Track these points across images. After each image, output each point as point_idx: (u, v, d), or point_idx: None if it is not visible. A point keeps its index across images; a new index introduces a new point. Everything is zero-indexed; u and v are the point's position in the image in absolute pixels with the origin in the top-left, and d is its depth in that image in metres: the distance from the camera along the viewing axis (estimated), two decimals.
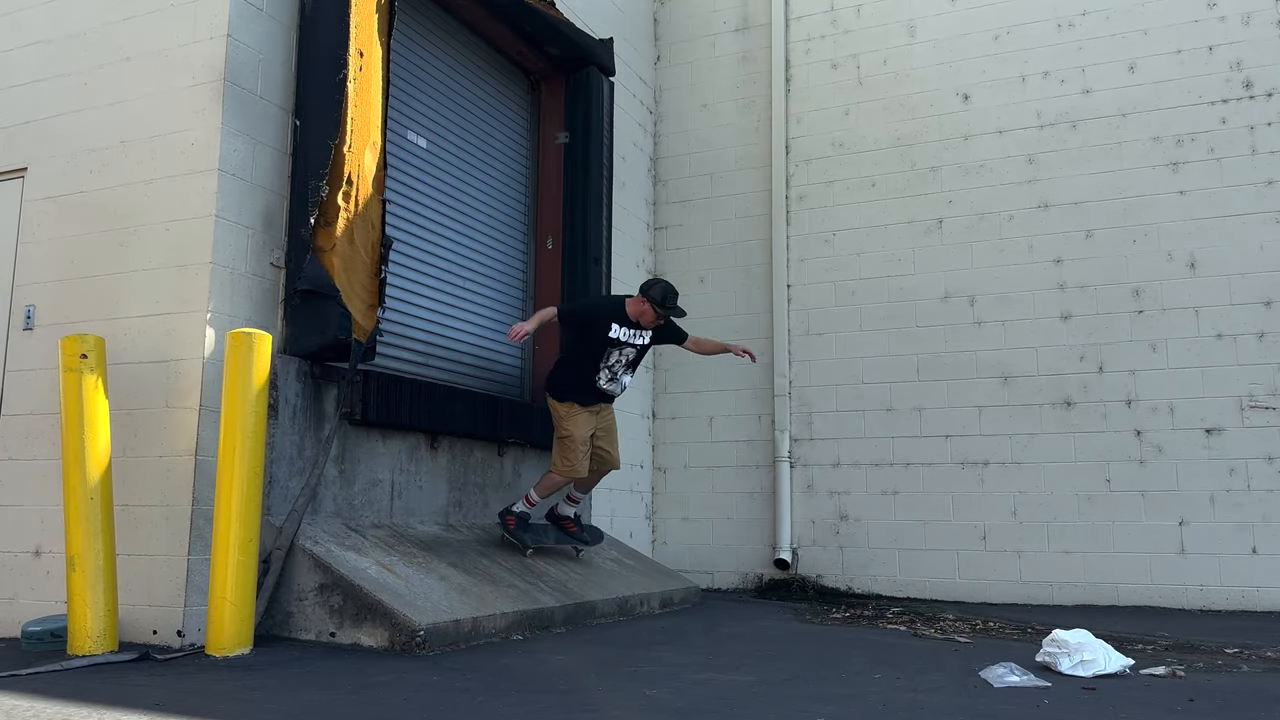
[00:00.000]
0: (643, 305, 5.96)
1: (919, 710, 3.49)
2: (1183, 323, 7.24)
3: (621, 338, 5.96)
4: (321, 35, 5.26)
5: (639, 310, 5.98)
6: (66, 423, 4.51)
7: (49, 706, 3.32)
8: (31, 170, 5.36)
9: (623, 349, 5.98)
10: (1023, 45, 7.97)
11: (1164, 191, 7.43)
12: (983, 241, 7.88)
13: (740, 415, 8.49)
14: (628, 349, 6.00)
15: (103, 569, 4.41)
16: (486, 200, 7.05)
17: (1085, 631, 4.42)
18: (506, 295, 7.22)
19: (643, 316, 5.99)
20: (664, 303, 5.93)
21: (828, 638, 5.52)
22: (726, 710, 3.44)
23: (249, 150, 5.02)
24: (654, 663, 4.45)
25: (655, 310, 5.94)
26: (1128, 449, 7.26)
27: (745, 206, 8.74)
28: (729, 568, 8.32)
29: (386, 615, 4.55)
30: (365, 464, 5.51)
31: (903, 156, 8.23)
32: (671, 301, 5.96)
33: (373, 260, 5.35)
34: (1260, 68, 7.31)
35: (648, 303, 5.94)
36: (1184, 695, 3.83)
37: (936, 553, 7.66)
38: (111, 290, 4.99)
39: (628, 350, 6.01)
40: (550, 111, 7.63)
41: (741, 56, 8.98)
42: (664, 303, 5.93)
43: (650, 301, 5.93)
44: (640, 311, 5.98)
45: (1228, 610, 6.84)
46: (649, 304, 5.94)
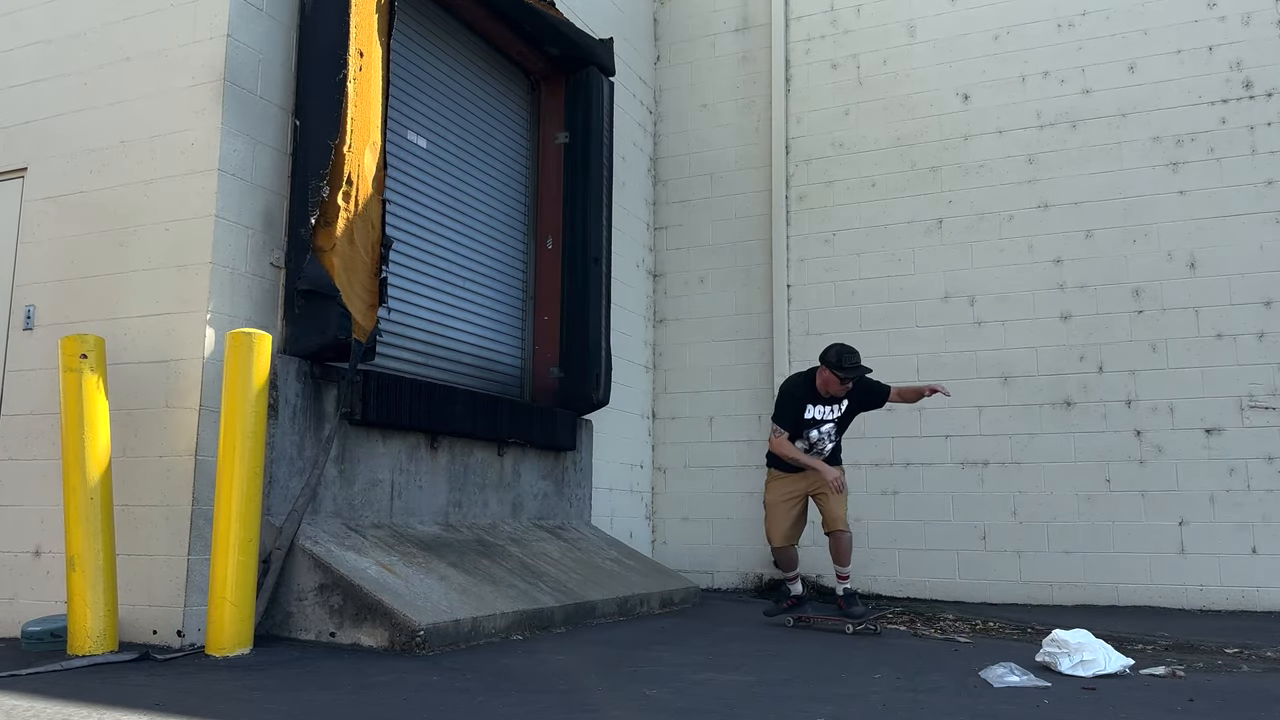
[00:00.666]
0: (825, 374, 5.86)
1: (919, 710, 3.49)
2: (1183, 323, 7.24)
3: (817, 416, 5.94)
4: (321, 35, 5.26)
5: (825, 381, 5.87)
6: (66, 423, 4.51)
7: (49, 706, 3.32)
8: (31, 170, 5.36)
9: (820, 427, 5.96)
10: (1023, 45, 7.97)
11: (1164, 191, 7.43)
12: (983, 241, 7.88)
13: (740, 415, 8.48)
14: (825, 425, 5.97)
15: (103, 569, 4.41)
16: (486, 200, 7.05)
17: (1085, 631, 4.42)
18: (506, 295, 7.22)
19: (829, 385, 5.88)
20: (840, 363, 5.77)
21: (828, 638, 5.52)
22: (726, 710, 3.44)
23: (249, 150, 5.02)
24: (654, 663, 4.45)
25: (836, 376, 5.80)
26: (1128, 449, 7.26)
27: (745, 206, 8.74)
28: (729, 568, 8.32)
29: (386, 615, 4.55)
30: (365, 464, 5.50)
31: (903, 156, 8.23)
32: (849, 361, 5.79)
33: (373, 260, 5.35)
34: (1260, 68, 7.31)
35: (828, 369, 5.83)
36: (1184, 695, 3.83)
37: (936, 553, 7.66)
38: (111, 290, 4.99)
39: (826, 426, 5.98)
40: (550, 111, 7.63)
41: (741, 56, 8.98)
42: (840, 363, 5.77)
43: (829, 367, 5.81)
44: (826, 381, 5.87)
45: (1228, 610, 6.84)
46: (829, 370, 5.82)
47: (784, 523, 6.04)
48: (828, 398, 5.93)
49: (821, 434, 5.98)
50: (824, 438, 5.99)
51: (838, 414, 6.01)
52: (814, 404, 5.94)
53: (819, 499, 5.98)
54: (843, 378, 5.81)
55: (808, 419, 5.94)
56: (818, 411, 5.95)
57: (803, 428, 5.95)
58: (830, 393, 5.91)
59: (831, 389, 5.89)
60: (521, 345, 7.34)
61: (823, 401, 5.95)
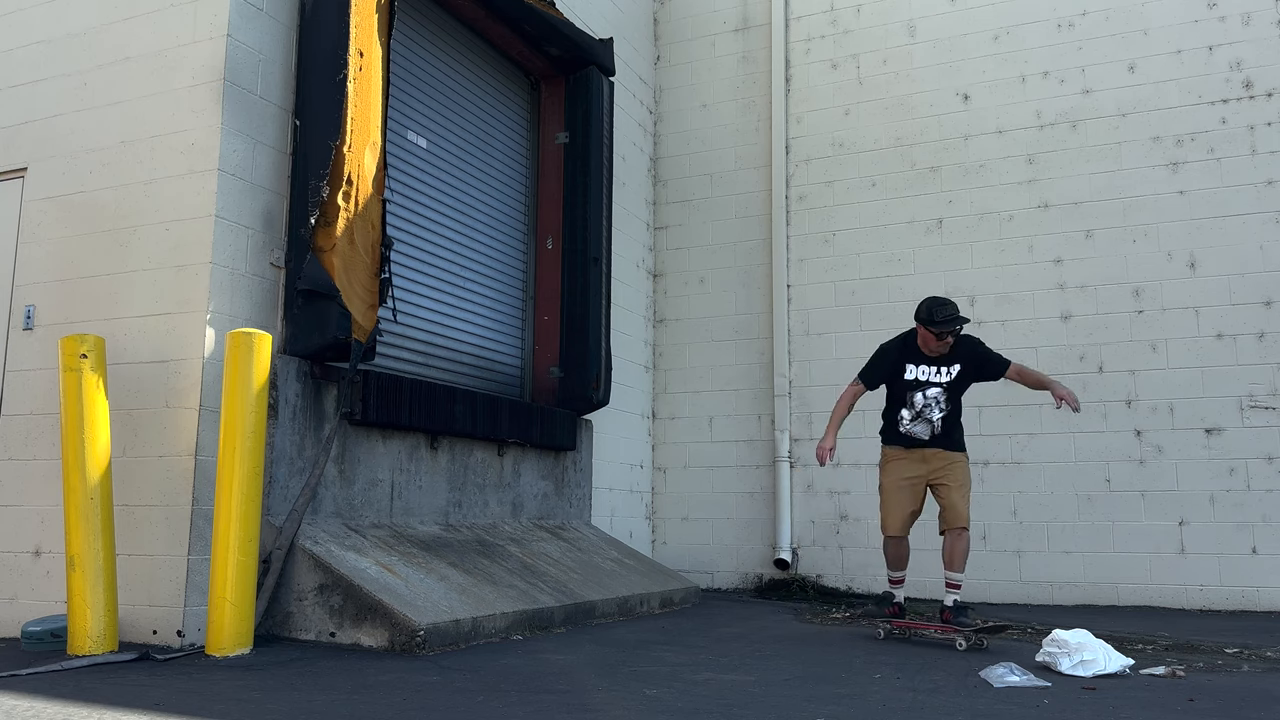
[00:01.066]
0: (922, 332, 5.41)
1: (919, 710, 3.49)
2: (1183, 323, 7.24)
3: (920, 377, 5.43)
4: (321, 35, 5.26)
5: (924, 338, 5.42)
6: (66, 423, 4.50)
7: (49, 706, 3.32)
8: (31, 170, 5.36)
9: (924, 390, 5.42)
10: (1023, 45, 7.97)
11: (1164, 191, 7.43)
12: (983, 241, 7.88)
13: (740, 415, 8.48)
14: (932, 389, 5.42)
15: (103, 569, 4.41)
16: (486, 200, 7.05)
17: (1085, 631, 4.42)
18: (506, 295, 7.22)
19: (928, 343, 5.40)
20: (931, 317, 5.31)
21: (828, 638, 5.52)
22: (726, 710, 3.43)
23: (249, 150, 5.02)
24: (654, 663, 4.45)
25: (931, 332, 5.34)
26: (1128, 449, 7.26)
27: (745, 206, 8.74)
28: (729, 568, 8.32)
29: (386, 615, 4.55)
30: (365, 464, 5.50)
31: (903, 156, 8.23)
32: (941, 313, 5.29)
33: (373, 260, 5.35)
34: (1260, 68, 7.31)
35: (922, 327, 5.39)
36: (1184, 695, 3.83)
37: (936, 553, 7.63)
38: (111, 290, 4.99)
39: (932, 390, 5.41)
40: (550, 111, 7.63)
41: (741, 56, 8.98)
42: (931, 317, 5.31)
43: (921, 324, 5.38)
44: (925, 339, 5.41)
45: (1228, 610, 6.84)
46: (923, 327, 5.38)
47: (902, 509, 5.44)
48: (934, 357, 5.42)
49: (928, 399, 5.41)
50: (931, 404, 5.40)
51: (948, 378, 5.42)
52: (916, 363, 5.44)
53: (938, 489, 5.41)
54: (938, 333, 5.31)
55: (909, 380, 5.43)
56: (921, 372, 5.43)
57: (905, 391, 5.44)
58: (933, 350, 5.40)
59: (932, 346, 5.38)
60: (521, 345, 7.34)
61: (927, 361, 5.43)
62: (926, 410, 5.43)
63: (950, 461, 5.42)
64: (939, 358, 5.43)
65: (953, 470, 5.41)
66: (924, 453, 5.44)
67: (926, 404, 5.43)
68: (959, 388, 5.48)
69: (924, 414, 5.43)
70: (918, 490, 5.45)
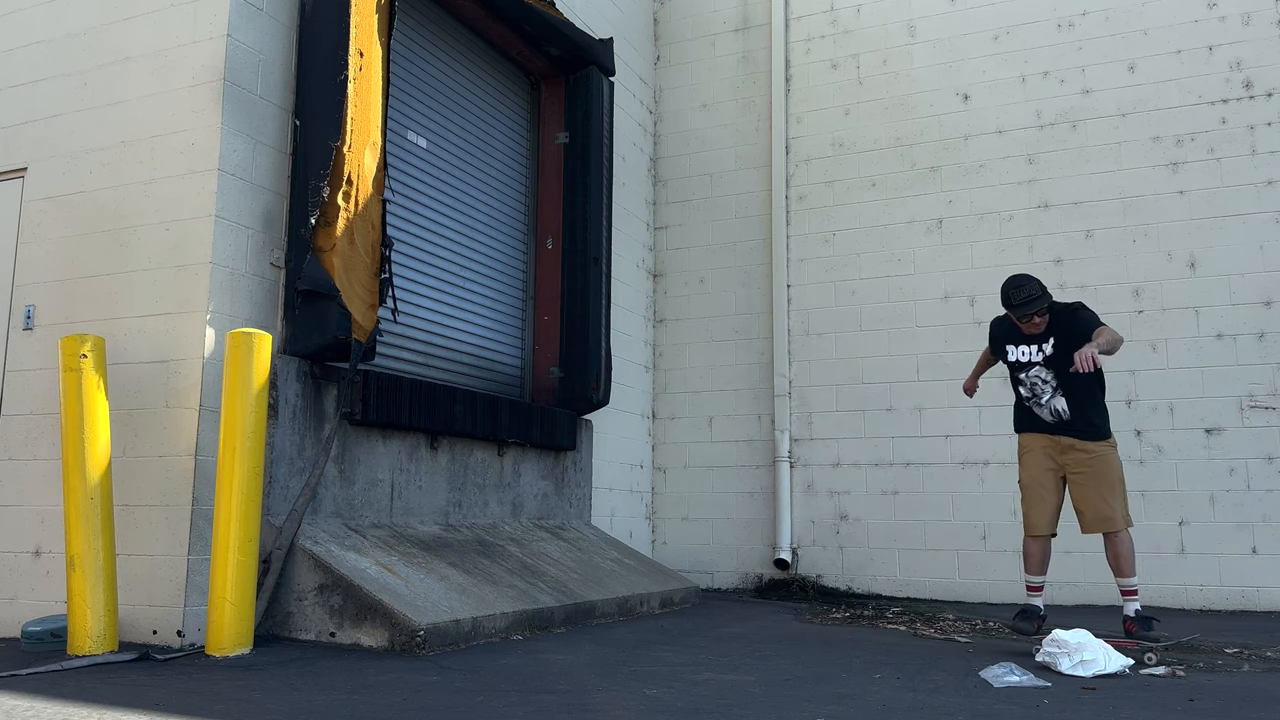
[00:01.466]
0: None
1: (919, 710, 3.49)
2: (1183, 323, 7.24)
3: (1020, 359, 5.17)
4: (321, 35, 5.26)
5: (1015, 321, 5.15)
6: (66, 423, 4.51)
7: (49, 706, 3.32)
8: (31, 170, 5.36)
9: (1027, 371, 5.15)
10: (1023, 45, 7.97)
11: (1164, 191, 7.43)
12: (983, 241, 7.88)
13: (740, 415, 8.49)
14: (1033, 369, 5.13)
15: (103, 569, 4.41)
16: (486, 200, 7.05)
17: (1085, 631, 4.42)
18: (506, 295, 7.22)
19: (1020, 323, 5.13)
20: (1008, 301, 5.06)
21: (828, 638, 5.52)
22: (726, 710, 3.43)
23: (249, 150, 5.02)
24: (654, 663, 4.45)
25: (1013, 314, 5.08)
26: (1127, 449, 7.25)
27: (745, 206, 8.74)
28: (729, 568, 8.32)
29: (386, 615, 4.55)
30: (365, 464, 5.51)
31: (903, 156, 8.23)
32: (1018, 296, 5.01)
33: (373, 260, 5.35)
34: (1260, 68, 7.31)
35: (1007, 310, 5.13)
36: (1184, 695, 3.83)
37: (936, 553, 7.66)
38: (111, 290, 4.99)
39: (1034, 370, 5.12)
40: (550, 111, 7.63)
41: (741, 56, 8.98)
42: (1008, 301, 5.06)
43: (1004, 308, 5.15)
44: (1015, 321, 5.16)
45: (1228, 610, 6.84)
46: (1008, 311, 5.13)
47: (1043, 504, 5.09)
48: (1032, 336, 5.12)
49: (1032, 379, 5.12)
50: (1040, 385, 5.08)
51: (1045, 355, 5.09)
52: (1015, 343, 5.18)
53: (1071, 487, 5.07)
54: (1017, 317, 5.04)
55: (1011, 362, 5.19)
56: (1021, 353, 5.15)
57: (1013, 373, 5.23)
58: (1031, 332, 5.11)
59: (1029, 329, 5.09)
60: (521, 345, 7.34)
61: (1026, 341, 5.14)
62: (1039, 393, 5.12)
63: (1085, 454, 5.01)
64: (1035, 336, 5.13)
65: (1089, 465, 5.00)
66: (1059, 441, 5.07)
67: (1035, 386, 5.13)
68: (1065, 363, 5.02)
69: (1038, 397, 5.13)
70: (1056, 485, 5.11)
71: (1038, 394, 5.14)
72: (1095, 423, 5.07)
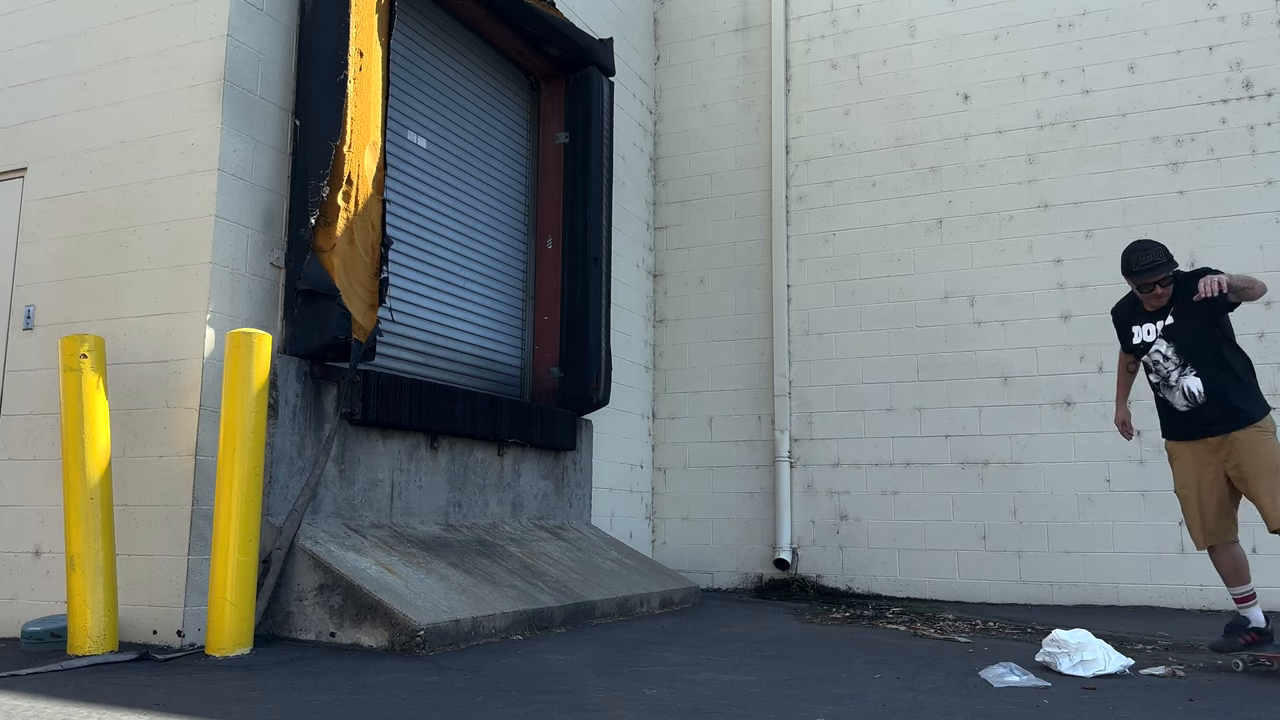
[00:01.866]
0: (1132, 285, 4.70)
1: (919, 710, 3.49)
2: None
3: (1145, 339, 4.68)
4: (321, 35, 5.26)
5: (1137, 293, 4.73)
6: (66, 423, 4.50)
7: (49, 706, 3.32)
8: (31, 170, 5.36)
9: (1149, 351, 4.67)
10: (1023, 45, 7.97)
11: (1164, 191, 7.43)
12: (983, 241, 7.88)
13: (740, 415, 8.48)
14: (1155, 348, 4.63)
15: (103, 569, 4.41)
16: (486, 200, 7.05)
17: (1085, 631, 4.42)
18: (506, 295, 7.22)
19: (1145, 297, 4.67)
20: (1128, 268, 4.61)
21: (828, 638, 5.51)
22: (726, 710, 3.43)
23: (249, 150, 5.02)
24: (654, 663, 4.45)
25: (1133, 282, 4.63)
26: (1128, 449, 7.25)
27: (745, 206, 8.74)
28: (729, 568, 8.32)
29: (386, 615, 4.55)
30: (365, 464, 5.51)
31: (903, 156, 8.23)
32: (1138, 263, 4.55)
33: (373, 260, 5.35)
34: (1260, 68, 7.31)
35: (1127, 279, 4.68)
36: (1184, 695, 3.83)
37: (936, 553, 7.66)
38: (111, 290, 4.99)
39: (1156, 348, 4.62)
40: (550, 111, 7.63)
41: (741, 56, 8.98)
42: (1128, 268, 4.61)
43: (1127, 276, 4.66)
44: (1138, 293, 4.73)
45: (1228, 610, 6.82)
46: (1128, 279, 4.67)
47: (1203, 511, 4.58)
48: (1153, 311, 4.68)
49: (1156, 359, 4.65)
50: (1164, 364, 4.61)
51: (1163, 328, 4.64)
52: (1140, 323, 4.73)
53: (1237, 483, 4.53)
54: (1137, 285, 4.62)
55: (1136, 344, 4.73)
56: (1145, 332, 4.68)
57: (1138, 356, 4.77)
58: (1151, 305, 4.66)
59: (1150, 301, 4.64)
60: (521, 345, 7.34)
61: (1149, 318, 4.69)
62: (1165, 373, 4.61)
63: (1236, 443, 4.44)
64: (1156, 311, 4.67)
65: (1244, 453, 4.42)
66: (1208, 441, 4.51)
67: (1159, 366, 4.63)
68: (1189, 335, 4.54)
69: (1168, 380, 4.61)
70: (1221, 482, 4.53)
71: (1165, 375, 4.59)
72: (1237, 405, 4.45)
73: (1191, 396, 4.55)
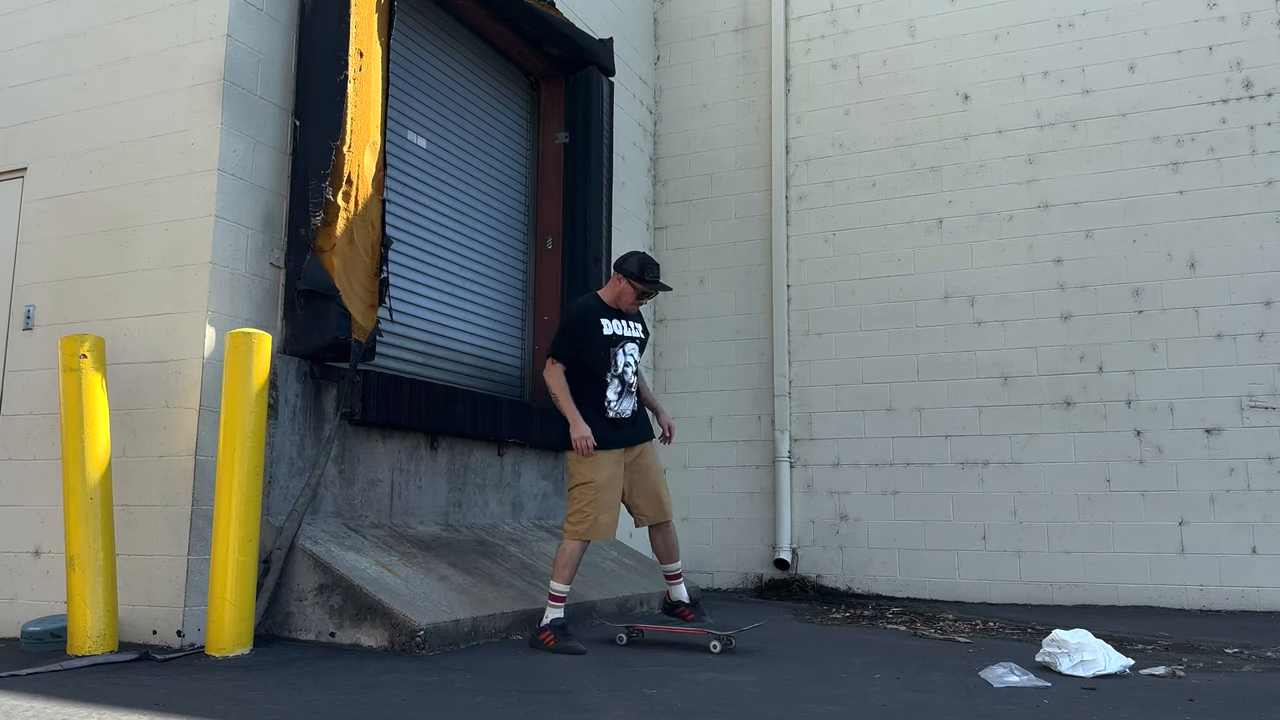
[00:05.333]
0: (620, 284, 4.97)
1: (919, 710, 3.49)
2: (1183, 323, 7.24)
3: (619, 332, 4.97)
4: (321, 35, 5.26)
5: (616, 292, 5.01)
6: (66, 423, 4.51)
7: (49, 706, 3.32)
8: (31, 170, 5.36)
9: (624, 345, 4.97)
10: (1023, 45, 7.97)
11: (1164, 191, 7.43)
12: (983, 241, 7.88)
13: (740, 415, 8.48)
14: (629, 345, 5.00)
15: (102, 569, 4.41)
16: (486, 200, 7.05)
17: (1085, 631, 4.42)
18: (506, 295, 7.22)
19: (622, 298, 5.00)
20: (642, 275, 4.91)
21: (828, 638, 5.51)
22: (726, 710, 3.43)
23: (249, 150, 5.02)
24: (654, 663, 4.45)
25: (634, 286, 4.94)
26: (1128, 449, 7.26)
27: (745, 206, 8.74)
28: (729, 568, 8.32)
29: (386, 615, 4.55)
30: (365, 464, 5.50)
31: (903, 156, 8.23)
32: (652, 274, 4.93)
33: (373, 260, 5.35)
34: (1260, 68, 7.31)
35: (625, 279, 4.94)
36: (1184, 695, 3.83)
37: (936, 553, 7.66)
38: (111, 290, 4.99)
39: (630, 348, 5.00)
40: (550, 111, 7.63)
41: (741, 56, 8.98)
42: (642, 275, 4.91)
43: (626, 276, 4.93)
44: (618, 293, 5.00)
45: (1228, 610, 6.83)
46: (625, 280, 4.94)
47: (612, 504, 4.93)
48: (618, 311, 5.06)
49: (626, 358, 5.01)
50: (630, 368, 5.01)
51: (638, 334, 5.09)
52: (608, 318, 5.01)
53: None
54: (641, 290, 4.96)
55: (608, 334, 4.99)
56: (617, 327, 5.03)
57: (607, 348, 5.00)
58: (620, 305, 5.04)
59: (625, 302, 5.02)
60: (521, 345, 7.34)
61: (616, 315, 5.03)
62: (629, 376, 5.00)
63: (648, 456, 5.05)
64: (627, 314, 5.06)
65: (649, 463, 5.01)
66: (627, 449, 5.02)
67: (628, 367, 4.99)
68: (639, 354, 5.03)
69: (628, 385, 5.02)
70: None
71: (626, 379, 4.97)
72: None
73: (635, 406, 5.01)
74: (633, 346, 5.00)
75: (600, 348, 4.92)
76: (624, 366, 4.96)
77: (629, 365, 4.97)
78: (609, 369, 4.92)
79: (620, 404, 4.94)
